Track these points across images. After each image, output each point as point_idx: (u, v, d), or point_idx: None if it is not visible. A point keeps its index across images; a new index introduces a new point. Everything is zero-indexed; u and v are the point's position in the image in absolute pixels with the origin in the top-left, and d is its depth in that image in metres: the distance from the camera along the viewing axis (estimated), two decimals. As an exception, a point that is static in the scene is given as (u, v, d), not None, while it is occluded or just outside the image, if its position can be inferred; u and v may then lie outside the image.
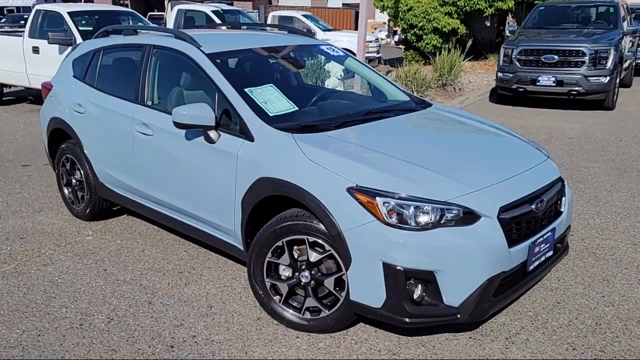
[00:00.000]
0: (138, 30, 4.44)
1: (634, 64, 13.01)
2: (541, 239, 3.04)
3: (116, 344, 3.08)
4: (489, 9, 14.48)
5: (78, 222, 4.85)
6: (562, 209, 3.31)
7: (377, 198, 2.73)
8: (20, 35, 10.01)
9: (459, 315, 2.78)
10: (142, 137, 3.92)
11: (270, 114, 3.37)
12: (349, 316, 3.04)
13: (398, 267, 2.69)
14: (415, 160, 2.99)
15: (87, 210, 4.76)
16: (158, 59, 4.04)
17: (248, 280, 3.32)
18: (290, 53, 4.34)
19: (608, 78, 9.49)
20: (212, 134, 3.40)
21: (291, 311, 3.16)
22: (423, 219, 2.72)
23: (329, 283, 3.02)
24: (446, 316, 2.79)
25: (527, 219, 2.96)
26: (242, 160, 3.25)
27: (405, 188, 2.77)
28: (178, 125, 3.40)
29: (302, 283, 3.10)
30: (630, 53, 11.91)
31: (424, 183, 2.82)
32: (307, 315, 3.13)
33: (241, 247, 3.44)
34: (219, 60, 3.67)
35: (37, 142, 7.67)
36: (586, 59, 9.49)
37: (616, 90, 10.08)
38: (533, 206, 2.98)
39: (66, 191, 4.96)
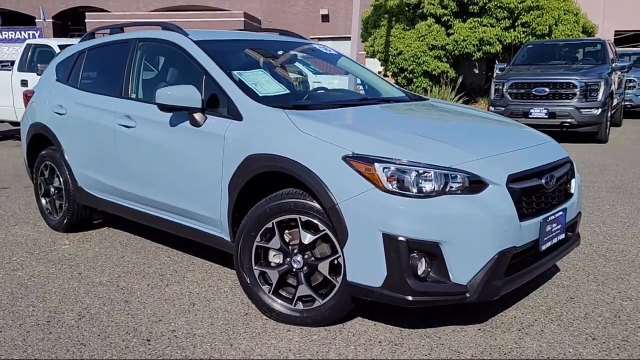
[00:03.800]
0: (125, 28, 4.32)
1: (622, 104, 13.09)
2: (553, 217, 2.81)
3: (86, 339, 2.76)
4: (477, 52, 14.69)
5: (55, 233, 4.55)
6: (572, 191, 3.10)
7: (376, 164, 2.51)
8: (9, 70, 9.93)
9: (467, 294, 2.51)
10: (123, 130, 3.70)
11: (260, 95, 3.18)
12: (346, 304, 2.75)
13: (400, 238, 2.43)
14: (416, 132, 2.79)
15: (65, 220, 4.48)
16: (144, 52, 3.88)
17: (235, 269, 3.02)
18: (281, 48, 4.19)
19: (600, 110, 9.47)
20: (198, 116, 3.19)
21: (281, 301, 2.87)
22: (426, 185, 2.49)
23: (324, 267, 2.75)
24: (453, 295, 2.52)
25: (537, 194, 2.74)
26: (230, 140, 3.03)
27: (406, 154, 2.55)
28: (162, 107, 3.20)
29: (294, 270, 2.82)
30: (618, 94, 11.99)
31: (426, 150, 2.61)
32: (300, 305, 2.84)
33: (228, 238, 3.16)
34: (206, 46, 3.50)
35: (19, 169, 7.41)
36: (577, 91, 9.49)
37: (608, 123, 10.05)
38: (543, 181, 2.77)
39: (44, 201, 4.69)
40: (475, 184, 2.53)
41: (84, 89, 4.22)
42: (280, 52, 3.99)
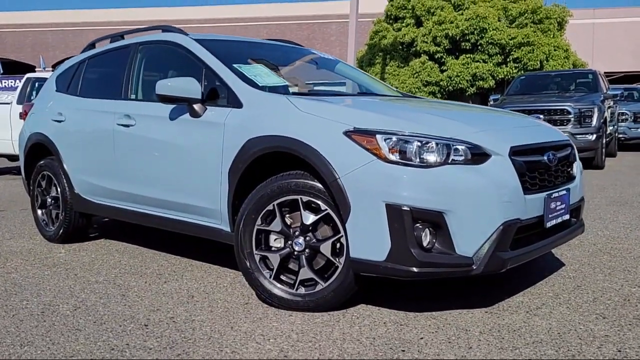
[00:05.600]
0: (125, 36, 4.38)
1: (616, 135, 13.21)
2: (557, 194, 2.79)
3: (81, 325, 2.68)
4: (470, 88, 14.97)
5: (50, 244, 4.48)
6: (574, 174, 3.09)
7: (378, 135, 2.50)
8: (8, 104, 9.99)
9: (473, 267, 2.45)
10: (123, 130, 3.69)
11: (260, 84, 3.19)
12: (350, 286, 2.68)
13: (404, 208, 2.40)
14: (416, 110, 2.79)
15: (61, 231, 4.40)
16: (144, 54, 3.91)
17: (235, 254, 2.95)
18: (281, 52, 4.24)
19: (595, 136, 9.55)
20: (198, 107, 3.19)
21: (282, 286, 2.79)
22: (428, 156, 2.47)
23: (326, 248, 2.69)
24: (459, 267, 2.46)
25: (540, 169, 2.73)
26: (230, 127, 3.03)
27: (408, 127, 2.55)
28: (162, 97, 3.21)
29: (296, 252, 2.76)
30: (612, 124, 12.10)
31: (428, 123, 2.61)
32: (302, 290, 2.76)
33: (227, 229, 3.10)
34: (207, 44, 3.54)
35: (16, 195, 7.37)
36: (571, 117, 9.60)
37: (603, 150, 10.11)
38: (545, 157, 2.76)
39: (39, 212, 4.63)
40: (478, 155, 2.52)
41: (84, 96, 4.24)
42: (279, 52, 4.05)
